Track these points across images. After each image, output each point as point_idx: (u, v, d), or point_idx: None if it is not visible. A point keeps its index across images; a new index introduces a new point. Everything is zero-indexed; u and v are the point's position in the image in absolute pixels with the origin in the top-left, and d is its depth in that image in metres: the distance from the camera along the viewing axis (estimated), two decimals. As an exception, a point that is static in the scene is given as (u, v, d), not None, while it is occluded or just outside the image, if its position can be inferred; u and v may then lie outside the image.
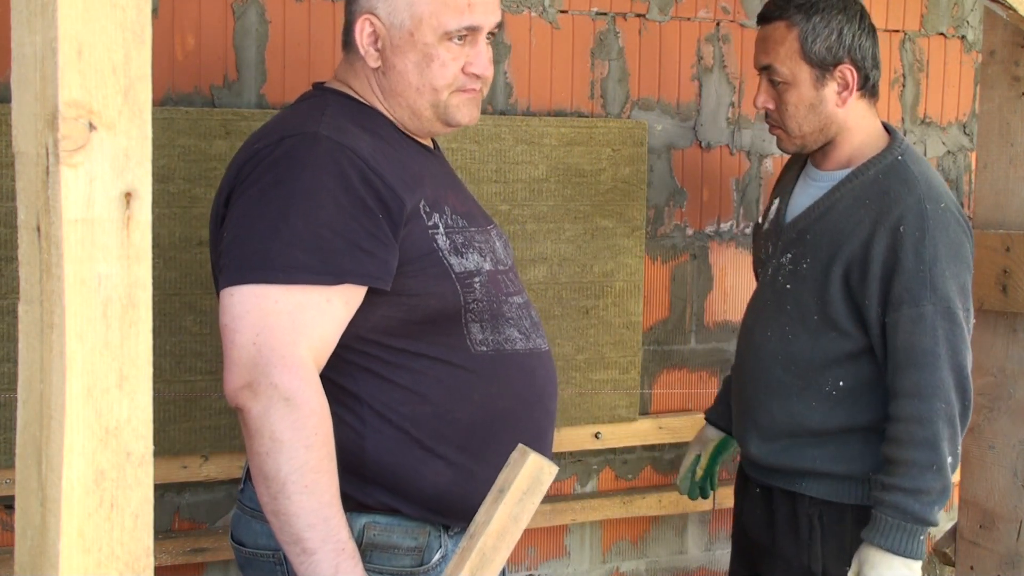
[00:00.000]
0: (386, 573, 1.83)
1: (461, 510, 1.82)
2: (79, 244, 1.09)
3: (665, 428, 3.05)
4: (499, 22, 1.90)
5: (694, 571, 3.22)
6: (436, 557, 1.87)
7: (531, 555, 3.01)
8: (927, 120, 3.35)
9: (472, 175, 2.70)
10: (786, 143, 2.43)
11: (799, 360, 2.35)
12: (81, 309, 1.10)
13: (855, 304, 2.28)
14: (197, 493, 2.62)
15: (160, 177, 2.32)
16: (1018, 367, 2.38)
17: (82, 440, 1.11)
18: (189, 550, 2.55)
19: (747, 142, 3.11)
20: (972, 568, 2.47)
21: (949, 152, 3.39)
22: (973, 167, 3.34)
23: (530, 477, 1.42)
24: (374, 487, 1.81)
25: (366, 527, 1.82)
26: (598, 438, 2.94)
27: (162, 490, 2.55)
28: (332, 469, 1.66)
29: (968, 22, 3.35)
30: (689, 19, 3.01)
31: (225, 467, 2.54)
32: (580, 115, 2.90)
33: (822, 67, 2.32)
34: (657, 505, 3.07)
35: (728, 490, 2.77)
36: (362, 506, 1.81)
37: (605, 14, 2.91)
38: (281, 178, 1.71)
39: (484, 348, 1.85)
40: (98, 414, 1.11)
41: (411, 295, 1.78)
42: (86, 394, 1.10)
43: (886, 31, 3.21)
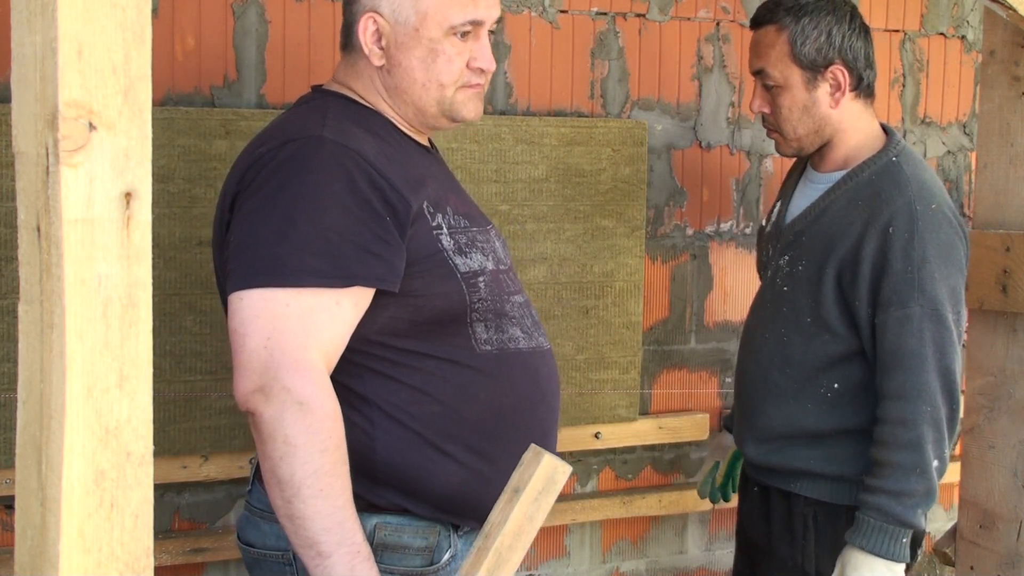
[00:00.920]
0: (396, 573, 1.83)
1: (471, 509, 1.84)
2: (79, 244, 1.09)
3: (665, 428, 3.05)
4: (499, 17, 1.91)
5: (694, 571, 3.22)
6: (446, 557, 1.87)
7: (531, 555, 3.01)
8: (927, 120, 3.34)
9: (472, 175, 2.70)
10: (783, 147, 2.43)
11: (794, 363, 2.35)
12: (81, 309, 1.10)
13: (847, 306, 2.28)
14: (197, 493, 2.62)
15: (160, 177, 2.32)
16: (1018, 367, 2.38)
17: (82, 440, 1.10)
18: (189, 550, 2.55)
19: (747, 142, 3.11)
20: (972, 568, 2.46)
21: (949, 152, 3.39)
22: (973, 167, 3.34)
23: (545, 477, 1.42)
24: (385, 488, 1.81)
25: (377, 527, 1.82)
26: (598, 438, 2.94)
27: (162, 490, 2.55)
28: (345, 472, 1.67)
29: (968, 22, 3.35)
30: (689, 19, 3.01)
31: (225, 467, 2.54)
32: (580, 115, 2.90)
33: (813, 69, 2.33)
34: (657, 505, 3.06)
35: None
36: (373, 507, 1.81)
37: (605, 14, 2.91)
38: (286, 182, 1.71)
39: (489, 347, 1.85)
40: (98, 414, 1.11)
41: (417, 296, 1.78)
42: (86, 394, 1.10)
43: (886, 31, 3.21)
